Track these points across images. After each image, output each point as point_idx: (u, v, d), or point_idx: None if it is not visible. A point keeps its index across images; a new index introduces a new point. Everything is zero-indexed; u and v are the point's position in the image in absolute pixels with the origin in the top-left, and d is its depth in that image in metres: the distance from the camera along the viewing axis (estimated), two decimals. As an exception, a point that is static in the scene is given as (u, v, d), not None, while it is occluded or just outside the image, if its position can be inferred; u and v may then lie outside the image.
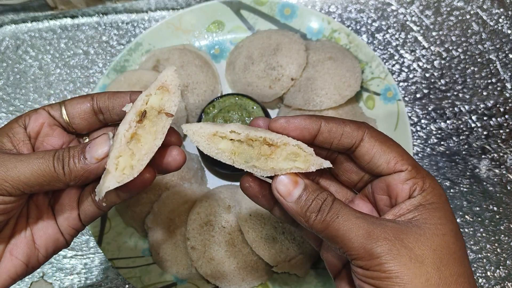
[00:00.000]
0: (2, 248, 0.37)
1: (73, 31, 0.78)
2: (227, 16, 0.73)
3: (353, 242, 0.33)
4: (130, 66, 0.70)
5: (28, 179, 0.34)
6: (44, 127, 0.39)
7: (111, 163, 0.33)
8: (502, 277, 0.64)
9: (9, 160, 0.34)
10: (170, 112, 0.36)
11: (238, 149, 0.37)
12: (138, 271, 0.60)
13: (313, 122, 0.36)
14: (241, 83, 0.69)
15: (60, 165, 0.35)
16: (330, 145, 0.37)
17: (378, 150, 0.36)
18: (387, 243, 0.32)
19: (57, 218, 0.40)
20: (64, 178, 0.35)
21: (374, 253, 0.32)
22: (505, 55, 0.74)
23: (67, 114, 0.40)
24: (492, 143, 0.70)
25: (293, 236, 0.57)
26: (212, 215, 0.59)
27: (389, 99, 0.66)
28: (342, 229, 0.33)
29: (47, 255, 0.39)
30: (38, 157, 0.35)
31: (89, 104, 0.39)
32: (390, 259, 0.32)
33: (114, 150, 0.34)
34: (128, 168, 0.34)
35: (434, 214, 0.34)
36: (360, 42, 0.69)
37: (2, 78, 0.76)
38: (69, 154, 0.35)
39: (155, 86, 0.36)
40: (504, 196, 0.67)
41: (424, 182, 0.35)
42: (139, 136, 0.35)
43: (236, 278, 0.58)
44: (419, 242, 0.33)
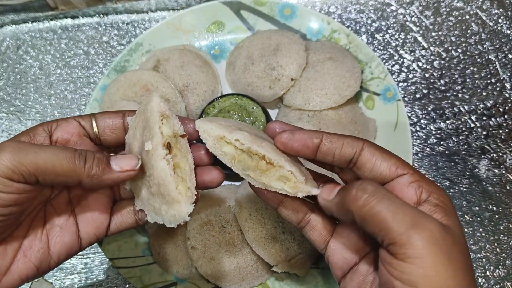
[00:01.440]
0: (16, 247, 0.38)
1: (74, 31, 0.79)
2: (227, 16, 0.73)
3: (397, 226, 0.32)
4: (130, 66, 0.70)
5: (46, 165, 0.34)
6: (73, 137, 0.41)
7: (175, 194, 0.37)
8: (502, 277, 0.64)
9: (29, 147, 0.34)
10: (182, 133, 0.41)
11: (239, 156, 0.40)
12: (138, 271, 0.61)
13: (316, 134, 0.39)
14: (241, 83, 0.69)
15: (82, 160, 0.36)
16: (333, 157, 0.38)
17: (379, 157, 0.37)
18: (431, 236, 0.31)
19: (81, 225, 0.41)
20: (82, 173, 0.36)
21: (415, 244, 0.31)
22: (505, 55, 0.75)
23: (97, 126, 0.42)
24: (491, 143, 0.70)
25: (293, 235, 0.58)
26: (212, 215, 0.60)
27: (389, 99, 0.67)
28: (386, 212, 0.32)
29: (58, 261, 0.40)
30: (59, 148, 0.35)
31: (121, 120, 0.42)
32: (429, 255, 0.31)
33: (171, 184, 0.37)
34: (188, 191, 0.39)
35: (452, 217, 0.35)
36: (359, 43, 0.69)
37: (3, 78, 0.76)
38: (93, 155, 0.37)
39: (158, 118, 0.39)
40: (504, 196, 0.67)
41: (429, 185, 0.36)
42: (177, 164, 0.39)
43: (236, 278, 0.58)
44: (454, 244, 0.32)
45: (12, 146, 0.34)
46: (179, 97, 0.66)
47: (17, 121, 0.74)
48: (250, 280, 0.59)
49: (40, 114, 0.74)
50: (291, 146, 0.39)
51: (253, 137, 0.40)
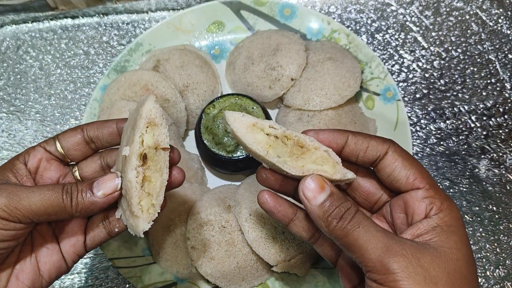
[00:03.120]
0: (9, 272, 0.40)
1: (74, 31, 0.79)
2: (227, 16, 0.73)
3: (370, 254, 0.33)
4: (130, 66, 0.70)
5: (38, 209, 0.37)
6: (42, 162, 0.43)
7: (136, 209, 0.37)
8: (502, 277, 0.64)
9: (22, 191, 0.37)
10: (165, 146, 0.39)
11: (273, 143, 0.39)
12: (138, 271, 0.61)
13: (341, 135, 0.39)
14: (241, 83, 0.69)
15: (69, 198, 0.38)
16: (356, 158, 0.39)
17: (400, 164, 0.37)
18: (404, 260, 0.32)
19: (62, 245, 0.43)
20: (70, 210, 0.38)
21: (390, 268, 0.32)
22: (505, 55, 0.75)
23: (61, 147, 0.43)
24: (491, 143, 0.70)
25: (293, 236, 0.58)
26: (212, 215, 0.60)
27: (389, 99, 0.67)
28: (361, 239, 0.34)
29: (50, 280, 0.42)
30: (48, 190, 0.38)
31: (80, 136, 0.43)
32: (405, 277, 0.32)
33: (134, 198, 0.37)
34: (151, 208, 0.38)
35: (450, 237, 0.35)
36: (359, 43, 0.69)
37: (3, 78, 0.76)
38: (77, 189, 0.38)
39: (143, 125, 0.38)
40: (504, 196, 0.67)
41: (441, 203, 0.36)
42: (149, 177, 0.38)
43: (236, 278, 0.58)
44: (435, 263, 0.33)
45: (7, 191, 0.36)
46: (179, 97, 0.66)
47: (17, 121, 0.74)
48: (250, 280, 0.59)
49: (40, 114, 0.74)
50: (319, 138, 0.39)
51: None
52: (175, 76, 0.67)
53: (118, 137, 0.43)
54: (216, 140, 0.61)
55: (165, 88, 0.65)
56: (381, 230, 0.34)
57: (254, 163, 0.64)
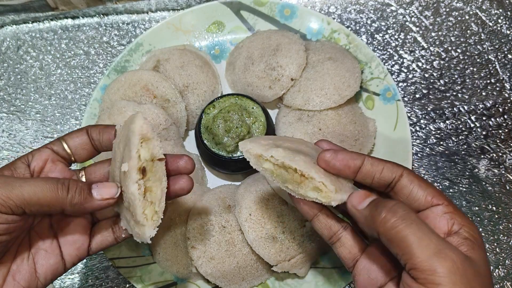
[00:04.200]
0: (5, 272, 0.40)
1: (74, 31, 0.79)
2: (227, 16, 0.73)
3: (421, 252, 0.33)
4: (130, 67, 0.71)
5: (31, 198, 0.36)
6: (48, 163, 0.43)
7: (141, 218, 0.40)
8: (501, 277, 0.64)
9: (15, 181, 0.37)
10: (160, 157, 0.42)
11: (277, 171, 0.42)
12: (138, 271, 0.61)
13: (357, 156, 0.41)
14: (241, 83, 0.69)
15: (65, 190, 0.38)
16: (372, 180, 0.40)
17: (417, 185, 0.38)
18: (452, 266, 0.32)
19: (64, 248, 0.43)
20: (65, 202, 0.38)
21: (436, 270, 0.32)
22: (504, 55, 0.75)
23: (69, 147, 0.44)
24: (491, 143, 0.70)
25: (293, 235, 0.58)
26: (212, 214, 0.60)
27: (389, 99, 0.67)
28: (414, 235, 0.33)
29: (45, 282, 0.42)
30: (42, 180, 0.38)
31: (86, 136, 0.44)
32: (449, 282, 0.32)
33: (138, 208, 0.39)
34: (155, 215, 0.41)
35: (481, 251, 0.35)
36: (359, 43, 0.69)
37: (3, 78, 0.76)
38: (76, 184, 0.39)
39: (138, 141, 0.40)
40: (503, 196, 0.67)
41: (461, 218, 0.37)
42: (149, 188, 0.41)
43: (236, 278, 0.59)
44: (476, 277, 0.33)
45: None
46: (179, 97, 0.66)
47: (17, 121, 0.74)
48: (250, 279, 0.59)
49: (40, 114, 0.74)
50: (333, 165, 0.40)
51: (288, 152, 0.41)
52: (175, 76, 0.67)
53: None
54: (216, 140, 0.61)
55: (165, 88, 0.65)
56: (434, 232, 0.34)
57: (254, 163, 0.64)
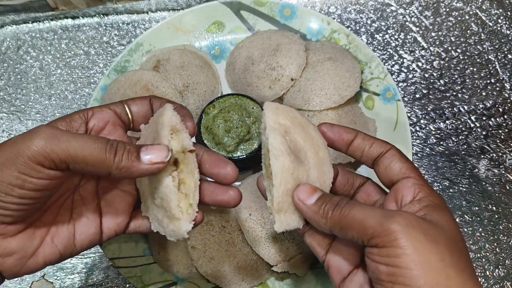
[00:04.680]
0: (44, 232, 0.39)
1: (74, 31, 0.79)
2: (227, 16, 0.73)
3: (370, 222, 0.34)
4: (130, 67, 0.71)
5: (76, 154, 0.34)
6: (108, 125, 0.41)
7: (176, 211, 0.38)
8: (501, 277, 0.64)
9: (63, 135, 0.35)
10: (191, 148, 0.41)
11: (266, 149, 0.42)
12: (138, 271, 0.61)
13: (351, 130, 0.43)
14: (241, 83, 0.69)
15: (113, 152, 0.36)
16: (361, 153, 0.43)
17: (397, 159, 0.41)
18: (404, 220, 0.34)
19: (105, 220, 0.42)
20: (111, 164, 0.36)
21: (390, 228, 0.33)
22: (504, 55, 0.75)
23: (131, 112, 0.43)
24: (491, 143, 0.70)
25: (292, 236, 0.58)
26: (212, 215, 0.60)
27: (389, 99, 0.67)
28: (360, 214, 0.35)
29: (80, 250, 0.41)
30: (91, 138, 0.36)
31: (149, 105, 0.43)
32: (405, 235, 0.33)
33: (172, 201, 0.38)
34: (189, 208, 0.40)
35: (443, 214, 0.37)
36: (359, 43, 0.69)
37: (3, 78, 0.76)
38: (124, 147, 0.36)
39: (168, 132, 0.38)
40: (503, 196, 0.67)
41: (429, 190, 0.39)
42: (183, 180, 0.40)
43: (236, 278, 0.59)
44: (433, 228, 0.34)
45: (46, 133, 0.34)
46: (179, 97, 0.66)
47: (17, 121, 0.74)
48: (250, 279, 0.59)
49: (40, 114, 0.74)
50: (328, 136, 0.43)
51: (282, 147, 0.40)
52: (175, 76, 0.67)
53: None
54: (216, 140, 0.61)
55: (165, 88, 0.65)
56: (376, 207, 0.37)
57: (254, 163, 0.64)
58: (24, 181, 0.34)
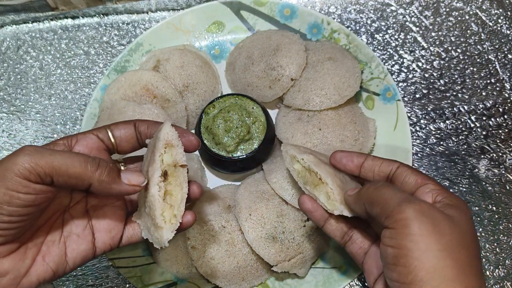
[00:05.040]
0: (35, 252, 0.40)
1: (74, 31, 0.79)
2: (227, 16, 0.73)
3: (392, 201, 0.38)
4: (130, 67, 0.71)
5: (60, 166, 0.36)
6: (93, 151, 0.43)
7: (159, 220, 0.41)
8: (501, 277, 0.64)
9: (46, 150, 0.37)
10: (183, 163, 0.43)
11: (302, 172, 0.51)
12: (138, 271, 0.61)
13: (361, 155, 0.49)
14: (241, 83, 0.69)
15: (95, 165, 0.38)
16: (373, 173, 0.48)
17: (409, 172, 0.44)
18: (420, 209, 0.37)
19: (98, 235, 0.43)
20: (92, 176, 0.38)
21: (405, 212, 0.37)
22: (504, 55, 0.75)
23: (113, 137, 0.44)
24: (491, 143, 0.70)
25: (293, 235, 0.58)
26: (212, 214, 0.60)
27: (389, 99, 0.67)
28: (387, 194, 0.40)
29: (73, 267, 0.42)
30: (73, 152, 0.38)
31: (133, 129, 0.45)
32: (416, 220, 0.36)
33: (157, 210, 0.41)
34: (173, 218, 0.42)
35: (460, 212, 0.39)
36: (359, 43, 0.69)
37: (3, 78, 0.76)
38: (107, 164, 0.39)
39: (162, 146, 0.42)
40: (503, 196, 0.67)
41: (447, 193, 0.41)
42: (170, 191, 0.42)
43: (236, 278, 0.59)
44: (445, 222, 0.37)
45: (30, 150, 0.36)
46: (179, 97, 0.66)
47: (17, 121, 0.74)
48: (250, 279, 0.59)
49: (40, 114, 0.74)
50: (340, 160, 0.49)
51: (316, 160, 0.49)
52: (175, 76, 0.67)
53: None
54: (216, 140, 0.61)
55: (165, 88, 0.65)
56: (405, 192, 0.40)
57: (254, 163, 0.64)
58: (12, 197, 0.35)
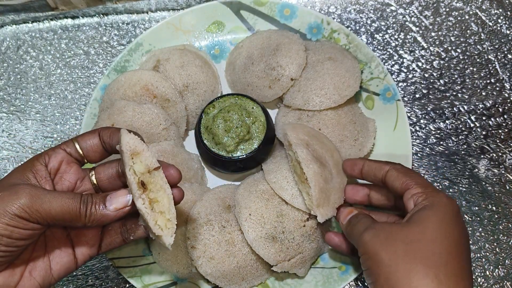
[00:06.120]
0: (23, 268, 0.43)
1: (74, 31, 0.79)
2: (227, 16, 0.73)
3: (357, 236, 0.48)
4: (130, 67, 0.71)
5: (57, 214, 0.39)
6: (62, 165, 0.45)
7: (156, 230, 0.41)
8: (501, 277, 0.64)
9: (44, 195, 0.39)
10: (155, 166, 0.42)
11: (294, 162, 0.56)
12: (138, 271, 0.61)
13: (360, 160, 0.56)
14: (241, 83, 0.69)
15: (84, 208, 0.41)
16: (371, 177, 0.53)
17: (395, 177, 0.49)
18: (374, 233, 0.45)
19: (77, 247, 0.46)
20: (84, 220, 0.41)
21: (363, 240, 0.46)
22: (504, 55, 0.75)
23: (81, 148, 0.46)
24: (491, 143, 0.70)
25: (292, 235, 0.58)
26: (212, 214, 0.60)
27: (388, 99, 0.67)
28: (355, 229, 0.49)
29: (58, 278, 0.45)
30: (68, 198, 0.40)
31: (98, 139, 0.46)
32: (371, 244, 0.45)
33: (149, 221, 0.40)
34: (168, 223, 0.42)
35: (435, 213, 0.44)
36: (359, 43, 0.69)
37: (3, 78, 0.76)
38: (92, 200, 0.41)
39: (128, 158, 0.41)
40: (503, 196, 0.67)
41: (427, 195, 0.46)
42: (155, 199, 0.42)
43: (236, 277, 0.59)
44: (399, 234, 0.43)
45: (30, 194, 0.39)
46: (179, 97, 0.66)
47: (17, 121, 0.74)
48: (250, 279, 0.59)
49: (40, 114, 0.74)
50: (345, 171, 0.57)
51: (309, 156, 0.52)
52: (175, 76, 0.67)
53: None
54: (216, 140, 0.61)
55: (165, 88, 0.65)
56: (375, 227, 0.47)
57: (254, 163, 0.64)
58: (12, 232, 0.38)
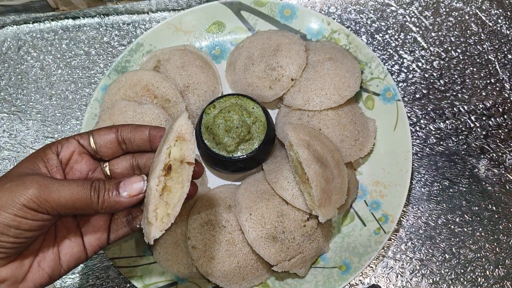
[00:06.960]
0: (32, 259, 0.42)
1: (75, 32, 0.79)
2: (228, 17, 0.73)
3: None
4: (131, 67, 0.71)
5: (67, 202, 0.39)
6: (74, 155, 0.45)
7: (151, 216, 0.39)
8: (501, 276, 0.64)
9: (53, 184, 0.39)
10: (190, 160, 0.41)
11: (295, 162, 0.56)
12: (139, 270, 0.61)
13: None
14: (241, 83, 0.69)
15: (96, 195, 0.40)
16: None
17: None
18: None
19: (86, 238, 0.45)
20: (96, 207, 0.40)
21: None
22: (504, 55, 0.75)
23: (94, 143, 0.45)
24: (491, 143, 0.70)
25: (293, 235, 0.58)
26: (213, 214, 0.60)
27: (389, 100, 0.67)
28: None
29: (68, 270, 0.44)
30: (78, 185, 0.39)
31: (114, 135, 0.45)
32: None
33: (151, 204, 0.39)
34: (166, 217, 0.40)
35: None
36: (359, 43, 0.69)
37: (4, 78, 0.77)
38: (105, 187, 0.40)
39: (173, 138, 0.40)
40: (503, 196, 0.67)
41: None
42: (169, 187, 0.40)
43: (236, 277, 0.59)
44: None
45: (38, 183, 0.38)
46: (180, 97, 0.66)
47: (18, 121, 0.74)
48: (251, 279, 0.60)
49: (41, 114, 0.74)
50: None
51: (310, 157, 0.52)
52: (176, 77, 0.67)
53: (148, 143, 0.46)
54: (217, 140, 0.61)
55: (165, 89, 0.65)
56: None
57: (254, 163, 0.64)
58: (20, 223, 0.37)
